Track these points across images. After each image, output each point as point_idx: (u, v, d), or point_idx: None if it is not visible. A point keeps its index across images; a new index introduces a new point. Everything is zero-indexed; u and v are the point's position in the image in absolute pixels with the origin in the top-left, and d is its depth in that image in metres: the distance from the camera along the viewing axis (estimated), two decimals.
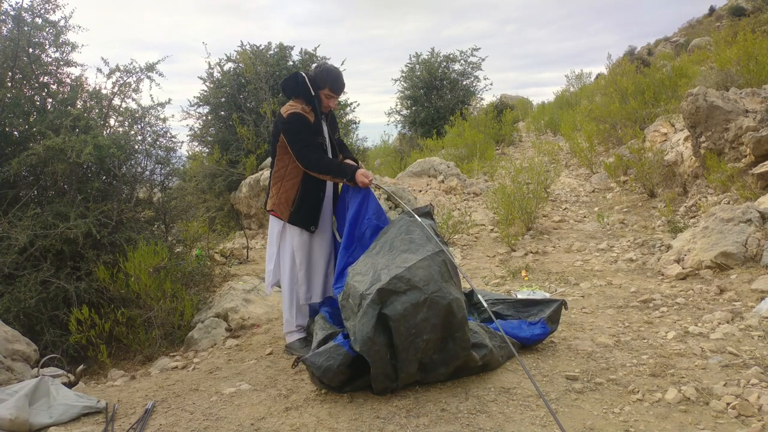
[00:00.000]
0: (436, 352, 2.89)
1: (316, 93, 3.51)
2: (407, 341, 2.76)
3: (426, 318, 2.78)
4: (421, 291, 2.81)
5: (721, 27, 18.91)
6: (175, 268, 4.82)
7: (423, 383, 3.00)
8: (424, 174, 10.27)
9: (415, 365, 2.83)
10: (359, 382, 2.91)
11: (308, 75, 3.54)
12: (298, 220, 3.55)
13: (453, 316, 2.84)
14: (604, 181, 9.10)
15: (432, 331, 2.80)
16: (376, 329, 2.75)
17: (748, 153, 6.08)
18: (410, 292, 2.80)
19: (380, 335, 2.76)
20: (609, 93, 11.27)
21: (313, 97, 3.50)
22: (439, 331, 2.84)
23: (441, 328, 2.84)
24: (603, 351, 3.32)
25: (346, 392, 2.93)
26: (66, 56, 5.49)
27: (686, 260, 4.76)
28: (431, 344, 2.84)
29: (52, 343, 4.35)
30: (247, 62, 10.52)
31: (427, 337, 2.78)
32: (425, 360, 2.87)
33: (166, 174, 5.99)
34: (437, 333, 2.83)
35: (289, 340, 3.74)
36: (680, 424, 2.45)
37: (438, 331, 2.83)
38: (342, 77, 3.59)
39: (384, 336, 2.78)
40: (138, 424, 2.76)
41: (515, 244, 6.37)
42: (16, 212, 4.60)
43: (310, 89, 3.50)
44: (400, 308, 2.76)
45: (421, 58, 18.75)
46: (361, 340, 2.74)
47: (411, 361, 2.80)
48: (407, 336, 2.76)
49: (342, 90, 3.61)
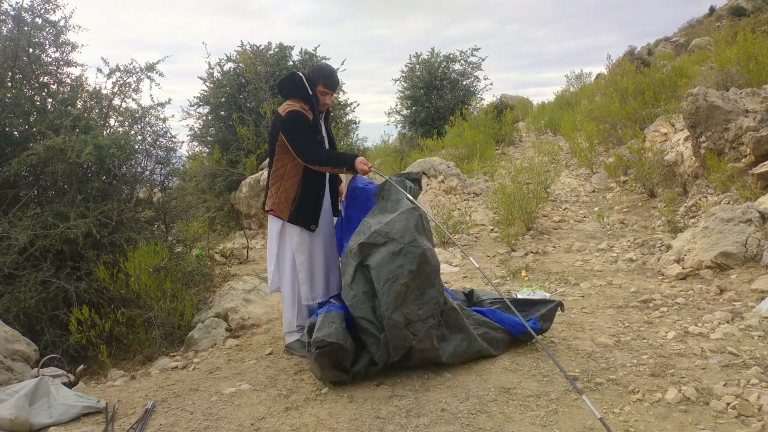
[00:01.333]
0: (418, 302, 3.05)
1: (313, 91, 3.53)
2: (386, 286, 3.00)
3: (402, 264, 3.03)
4: (398, 242, 3.08)
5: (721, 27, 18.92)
6: (175, 268, 4.82)
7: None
8: (424, 174, 10.27)
9: (400, 315, 2.97)
10: (363, 362, 3.06)
11: (304, 74, 3.57)
12: (299, 219, 3.55)
13: (428, 264, 3.09)
14: (604, 181, 9.10)
15: (408, 277, 3.02)
16: (354, 278, 3.09)
17: (748, 153, 6.08)
18: (389, 244, 3.08)
19: (359, 283, 3.08)
20: (609, 93, 11.27)
21: (310, 96, 3.52)
22: (416, 278, 3.05)
23: (417, 275, 3.05)
24: (603, 351, 3.32)
25: (354, 374, 3.03)
26: (66, 56, 5.50)
27: (686, 260, 4.76)
28: (411, 292, 3.03)
29: (52, 343, 4.35)
30: (247, 62, 10.53)
31: (404, 281, 3.00)
32: (411, 315, 3.01)
33: (166, 174, 5.99)
34: (415, 280, 3.04)
35: (289, 340, 3.74)
36: (680, 424, 2.45)
37: (415, 278, 3.04)
38: (336, 74, 3.63)
39: (363, 284, 3.08)
40: (138, 424, 2.76)
41: (515, 244, 6.37)
42: (16, 212, 4.60)
43: (308, 88, 3.52)
44: (378, 257, 3.06)
45: (421, 58, 18.74)
46: (343, 288, 3.14)
47: (393, 307, 2.97)
48: (386, 281, 3.00)
49: (336, 86, 3.63)
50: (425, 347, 3.05)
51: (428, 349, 3.07)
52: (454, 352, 3.18)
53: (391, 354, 3.02)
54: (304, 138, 3.43)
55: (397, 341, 2.98)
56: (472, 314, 3.45)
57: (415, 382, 3.06)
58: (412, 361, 3.12)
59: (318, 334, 2.99)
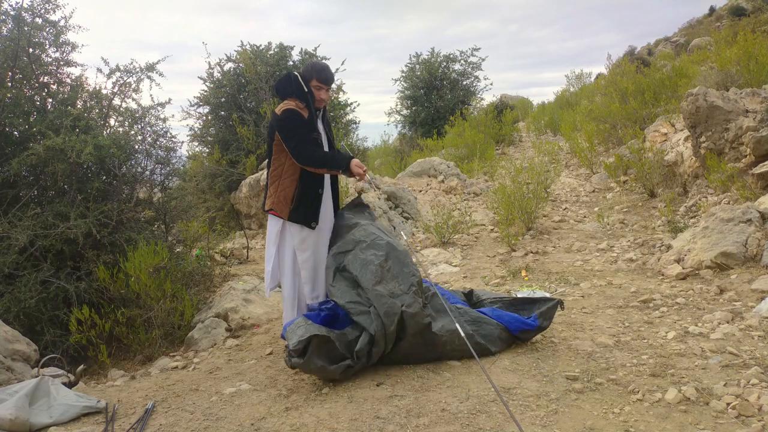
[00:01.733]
0: (397, 280, 3.27)
1: (308, 89, 3.53)
2: (362, 270, 3.29)
3: (372, 253, 3.36)
4: (363, 241, 3.44)
5: (721, 27, 18.90)
6: (175, 268, 4.82)
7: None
8: (424, 174, 10.27)
9: (383, 288, 3.21)
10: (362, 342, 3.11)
11: (299, 73, 3.59)
12: (298, 217, 3.55)
13: (395, 250, 3.40)
14: (604, 181, 9.10)
15: (380, 260, 3.32)
16: (335, 278, 3.39)
17: (748, 153, 6.08)
18: (357, 246, 3.44)
19: (339, 280, 3.37)
20: (609, 93, 11.27)
21: (305, 93, 3.52)
22: (388, 261, 3.34)
23: (388, 258, 3.35)
24: (603, 351, 3.32)
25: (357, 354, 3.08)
26: (66, 56, 5.49)
27: (686, 260, 4.76)
28: (387, 272, 3.30)
29: (52, 343, 4.35)
30: (247, 62, 10.51)
31: (377, 263, 3.30)
32: (393, 290, 3.23)
33: (166, 174, 5.99)
34: (387, 262, 3.33)
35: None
36: (680, 424, 2.45)
37: (386, 261, 3.33)
38: (329, 69, 3.63)
39: (343, 280, 3.37)
40: (138, 424, 2.76)
41: (515, 244, 6.37)
42: (16, 212, 4.60)
43: (303, 86, 3.52)
44: (350, 256, 3.41)
45: (421, 58, 18.74)
46: (328, 290, 3.42)
47: (374, 283, 3.22)
48: (361, 267, 3.30)
49: (330, 80, 3.61)
50: (415, 311, 3.18)
51: (418, 313, 3.19)
52: (443, 327, 3.28)
53: (386, 323, 3.11)
54: (299, 137, 3.43)
55: (386, 308, 3.14)
56: (469, 311, 3.48)
57: (415, 382, 3.06)
58: (408, 331, 3.17)
59: (291, 343, 3.02)
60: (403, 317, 3.14)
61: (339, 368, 3.05)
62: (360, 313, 3.19)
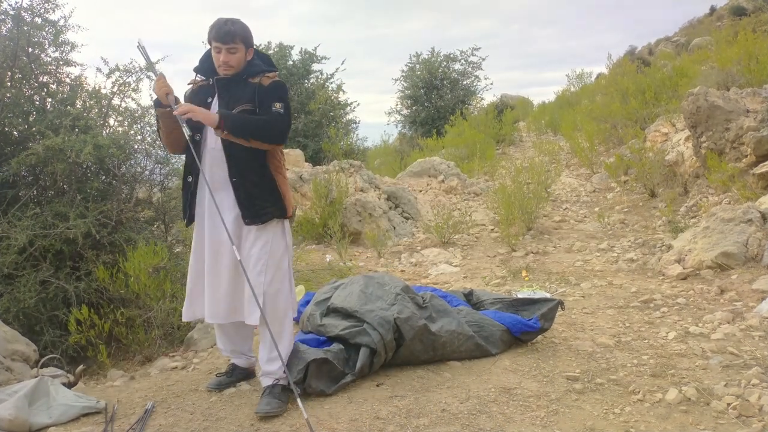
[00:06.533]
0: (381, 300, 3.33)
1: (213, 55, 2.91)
2: (347, 299, 3.39)
3: (352, 290, 3.47)
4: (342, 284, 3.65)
5: (721, 27, 18.89)
6: (175, 268, 4.81)
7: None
8: (424, 174, 10.26)
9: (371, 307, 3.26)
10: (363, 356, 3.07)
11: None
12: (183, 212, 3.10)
13: (372, 278, 3.53)
14: (605, 181, 9.09)
15: (360, 288, 3.42)
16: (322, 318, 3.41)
17: (749, 153, 6.07)
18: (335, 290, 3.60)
19: (328, 318, 3.39)
20: (610, 93, 11.26)
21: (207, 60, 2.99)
22: (368, 287, 3.43)
23: (367, 286, 3.45)
24: (603, 351, 3.31)
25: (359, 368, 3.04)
26: (65, 56, 5.47)
27: (687, 260, 4.75)
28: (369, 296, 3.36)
29: (51, 343, 4.34)
30: None
31: (359, 289, 3.41)
32: (381, 306, 3.28)
33: (165, 174, 5.98)
34: (368, 288, 3.43)
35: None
36: (681, 425, 2.44)
37: (367, 287, 3.43)
38: (226, 24, 2.84)
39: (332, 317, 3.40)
40: (138, 425, 2.76)
41: (516, 244, 6.36)
42: (15, 212, 4.59)
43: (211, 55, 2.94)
44: (332, 298, 3.50)
45: (421, 58, 18.72)
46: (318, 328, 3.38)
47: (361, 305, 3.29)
48: (344, 299, 3.41)
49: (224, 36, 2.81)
50: (407, 316, 3.19)
51: (411, 317, 3.19)
52: (442, 327, 3.26)
53: (382, 332, 3.10)
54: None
55: (378, 319, 3.15)
56: (471, 313, 3.47)
57: (415, 382, 3.06)
58: (406, 337, 3.15)
59: (291, 376, 2.80)
60: (397, 324, 3.14)
61: (339, 388, 2.97)
62: (356, 335, 3.13)
